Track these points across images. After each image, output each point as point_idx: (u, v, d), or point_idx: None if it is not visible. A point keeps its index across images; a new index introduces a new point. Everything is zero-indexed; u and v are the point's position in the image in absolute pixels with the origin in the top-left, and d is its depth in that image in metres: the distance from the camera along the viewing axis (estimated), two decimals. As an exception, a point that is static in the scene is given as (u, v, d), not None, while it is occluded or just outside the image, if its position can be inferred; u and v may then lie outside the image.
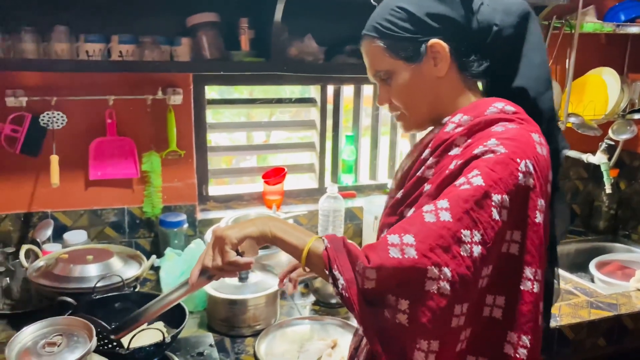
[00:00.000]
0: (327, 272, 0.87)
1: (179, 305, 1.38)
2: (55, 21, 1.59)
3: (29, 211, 1.78)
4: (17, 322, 1.50)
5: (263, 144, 2.58)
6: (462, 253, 0.81)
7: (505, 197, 0.84)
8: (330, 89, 2.15)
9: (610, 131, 2.18)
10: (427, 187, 0.93)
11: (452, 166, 0.90)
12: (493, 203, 0.83)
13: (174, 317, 1.35)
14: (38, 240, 1.69)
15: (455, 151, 0.93)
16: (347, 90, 2.23)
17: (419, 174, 0.97)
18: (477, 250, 0.82)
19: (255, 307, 1.51)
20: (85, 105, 1.73)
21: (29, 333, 0.98)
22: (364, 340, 1.02)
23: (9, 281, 1.58)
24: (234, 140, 2.39)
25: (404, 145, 2.40)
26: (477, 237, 0.82)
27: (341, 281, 0.85)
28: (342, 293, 0.85)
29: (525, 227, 0.88)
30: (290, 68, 1.77)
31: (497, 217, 0.83)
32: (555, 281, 1.06)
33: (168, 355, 1.32)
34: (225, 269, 0.97)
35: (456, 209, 0.82)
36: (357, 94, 2.25)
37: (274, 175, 2.07)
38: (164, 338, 1.21)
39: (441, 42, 0.96)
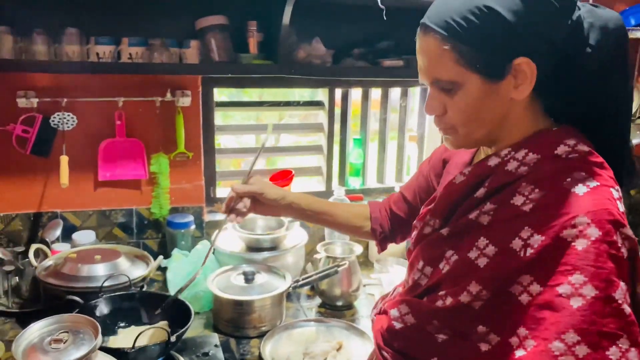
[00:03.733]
0: None
1: (184, 305, 1.39)
2: (66, 23, 1.61)
3: (39, 211, 1.80)
4: (26, 320, 1.51)
5: (271, 147, 2.59)
6: None
7: (622, 284, 0.73)
8: (338, 92, 2.16)
9: (619, 136, 2.17)
10: (486, 243, 0.83)
11: (526, 236, 0.78)
12: (618, 302, 0.72)
13: (180, 317, 1.35)
14: (47, 239, 1.71)
15: (519, 201, 0.81)
16: (355, 94, 2.24)
17: (472, 216, 0.87)
18: (632, 355, 0.72)
19: (261, 308, 1.52)
20: (95, 107, 1.74)
21: (36, 330, 0.99)
22: None
23: (18, 280, 1.60)
24: (243, 143, 2.40)
25: (412, 149, 2.40)
26: (625, 344, 0.72)
27: None
28: None
29: (635, 297, 0.79)
30: (298, 71, 1.78)
31: (628, 309, 0.73)
32: None
33: (173, 355, 1.33)
34: None
35: (588, 337, 0.72)
36: (365, 97, 2.25)
37: (282, 177, 2.08)
38: (169, 338, 1.22)
39: (531, 62, 0.80)
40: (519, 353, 0.77)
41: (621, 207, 0.79)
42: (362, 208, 1.33)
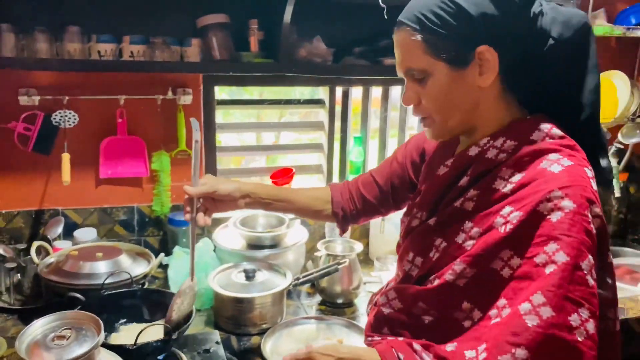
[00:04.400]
0: None
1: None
2: (68, 21, 1.61)
3: (41, 208, 1.80)
4: (28, 317, 1.50)
5: (271, 144, 2.60)
6: (579, 339, 0.76)
7: (590, 257, 0.79)
8: (338, 90, 2.16)
9: (619, 135, 2.17)
10: (471, 226, 0.87)
11: (506, 213, 0.83)
12: (584, 271, 0.78)
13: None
14: (49, 237, 1.72)
15: (501, 186, 0.86)
16: (356, 92, 2.24)
17: (457, 204, 0.91)
18: (591, 326, 0.77)
19: (261, 305, 1.52)
20: (97, 105, 1.75)
21: (39, 326, 1.00)
22: None
23: (20, 277, 1.61)
24: (244, 141, 2.41)
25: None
26: (586, 314, 0.77)
27: None
28: None
29: (606, 268, 0.85)
30: (298, 69, 1.78)
31: (592, 282, 0.78)
32: None
33: (175, 352, 1.33)
34: None
35: (554, 299, 0.77)
36: (366, 95, 2.25)
37: (282, 175, 2.08)
38: (170, 335, 1.22)
39: (493, 50, 0.86)
40: (495, 320, 0.82)
41: (594, 186, 0.84)
42: (322, 191, 1.33)
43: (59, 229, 1.75)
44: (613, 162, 2.10)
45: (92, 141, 1.79)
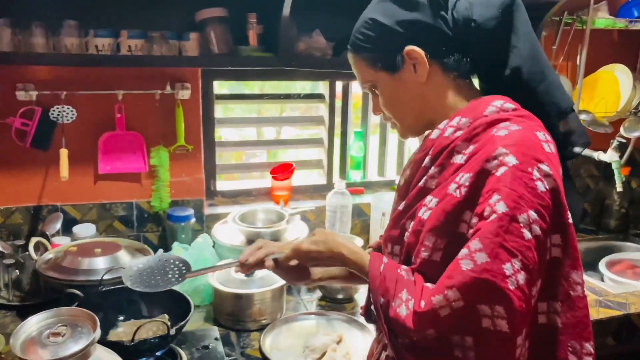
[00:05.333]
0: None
1: (183, 298, 1.39)
2: (65, 16, 1.60)
3: (39, 204, 1.79)
4: (26, 313, 1.50)
5: (271, 139, 2.59)
6: (510, 287, 0.79)
7: (532, 212, 0.82)
8: (338, 85, 2.15)
9: (621, 129, 2.15)
10: (430, 199, 0.91)
11: (458, 179, 0.87)
12: (521, 224, 0.81)
13: (179, 310, 1.35)
14: (47, 233, 1.71)
15: (458, 159, 0.90)
16: (356, 87, 2.23)
17: (421, 184, 0.94)
18: (521, 277, 0.80)
19: (261, 301, 1.52)
20: (95, 100, 1.74)
21: (34, 323, 0.99)
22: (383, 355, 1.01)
23: (18, 273, 1.60)
24: (244, 136, 2.40)
25: (413, 142, 2.39)
26: (518, 264, 0.80)
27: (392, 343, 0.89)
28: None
29: (563, 229, 0.86)
30: (298, 63, 1.77)
31: (530, 236, 0.81)
32: None
33: (173, 348, 1.33)
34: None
35: (490, 246, 0.80)
36: (366, 90, 2.24)
37: (282, 170, 2.07)
38: (168, 331, 1.22)
39: (416, 48, 0.95)
40: None
41: (547, 149, 0.87)
42: None
43: (58, 225, 1.74)
44: (615, 156, 2.09)
45: (90, 136, 1.78)
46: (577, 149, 0.99)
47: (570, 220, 0.87)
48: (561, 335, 0.88)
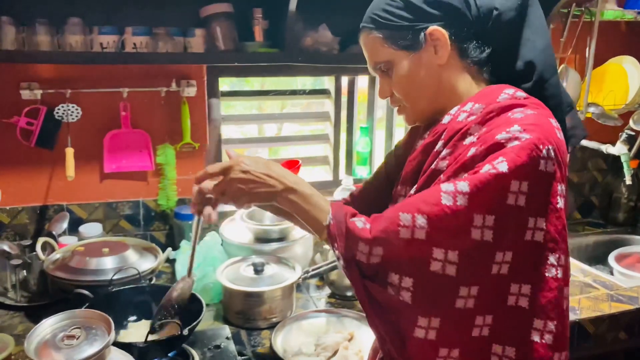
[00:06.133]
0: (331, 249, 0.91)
1: (196, 298, 1.38)
2: (69, 13, 1.58)
3: (45, 204, 1.78)
4: (34, 314, 1.50)
5: (277, 136, 2.57)
6: (472, 237, 0.82)
7: (525, 183, 0.84)
8: (344, 80, 2.13)
9: (631, 121, 2.13)
10: (442, 178, 0.91)
11: (471, 153, 0.87)
12: (510, 189, 0.83)
13: (191, 310, 1.34)
14: (54, 233, 1.69)
15: (470, 139, 0.90)
16: (362, 81, 2.21)
17: (432, 166, 0.94)
18: (488, 234, 0.83)
19: (271, 299, 1.50)
20: (100, 98, 1.72)
21: (48, 326, 0.98)
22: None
23: (25, 274, 1.59)
24: (246, 133, 2.38)
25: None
26: (490, 221, 0.83)
27: (341, 262, 0.89)
28: (344, 272, 0.90)
29: (547, 214, 0.87)
30: (304, 59, 1.75)
31: (512, 203, 0.83)
32: None
33: (185, 349, 1.32)
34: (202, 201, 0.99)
35: (473, 194, 0.83)
36: (372, 85, 2.22)
37: (289, 167, 2.05)
38: (181, 331, 1.20)
39: (440, 29, 0.94)
40: None
41: (559, 136, 0.89)
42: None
43: (64, 225, 1.73)
44: (624, 149, 2.07)
45: (95, 135, 1.76)
46: (576, 142, 1.01)
47: (560, 206, 0.87)
48: (528, 316, 0.88)
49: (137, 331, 1.34)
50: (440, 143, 0.95)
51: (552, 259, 0.88)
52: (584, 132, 1.02)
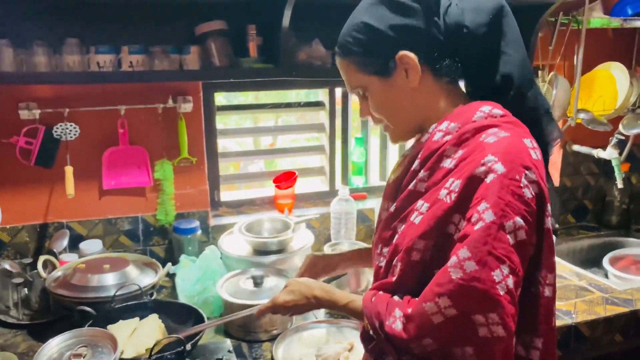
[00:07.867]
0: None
1: (196, 312, 1.39)
2: (66, 34, 1.60)
3: (45, 222, 1.80)
4: (37, 332, 1.52)
5: (273, 148, 2.59)
6: (500, 293, 0.82)
7: (518, 219, 0.84)
8: (338, 91, 2.16)
9: (620, 126, 2.17)
10: (422, 204, 0.92)
11: (449, 184, 0.89)
12: (507, 231, 0.84)
13: (193, 324, 1.36)
14: (54, 250, 1.71)
15: (447, 163, 0.92)
16: (355, 93, 2.23)
17: (410, 187, 0.96)
18: (510, 281, 0.83)
19: (271, 311, 1.52)
20: (98, 116, 1.74)
21: (55, 345, 1.00)
22: None
23: (27, 292, 1.60)
24: (241, 145, 2.40)
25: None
26: (506, 270, 0.83)
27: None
28: None
29: (541, 233, 0.89)
30: (299, 73, 1.78)
31: (514, 241, 0.84)
32: None
33: (188, 363, 1.33)
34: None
35: (478, 255, 0.83)
36: (365, 95, 2.25)
37: (285, 179, 2.08)
38: (184, 345, 1.22)
39: (409, 53, 0.95)
40: None
41: (534, 156, 0.89)
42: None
43: (65, 242, 1.74)
44: (614, 153, 2.11)
45: (94, 152, 1.78)
46: (553, 145, 1.01)
47: (548, 226, 0.90)
48: (517, 331, 0.89)
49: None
50: (416, 162, 0.96)
51: (542, 277, 0.92)
52: (560, 135, 1.03)
